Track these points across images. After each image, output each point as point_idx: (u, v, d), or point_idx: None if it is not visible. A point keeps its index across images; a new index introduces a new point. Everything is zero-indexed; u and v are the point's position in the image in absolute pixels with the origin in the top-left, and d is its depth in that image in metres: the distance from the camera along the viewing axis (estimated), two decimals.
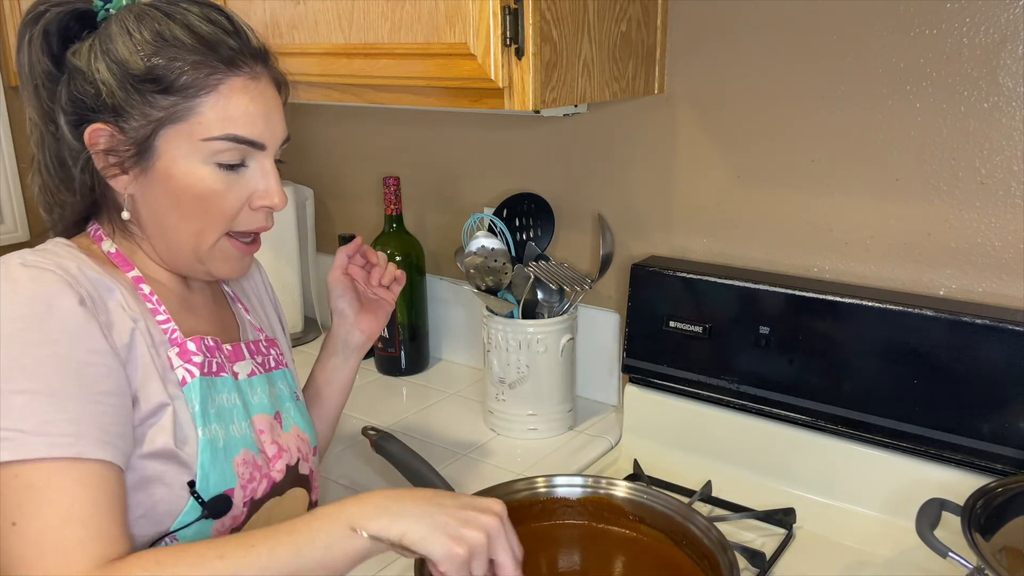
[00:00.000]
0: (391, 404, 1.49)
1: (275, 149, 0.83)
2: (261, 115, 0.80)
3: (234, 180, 0.80)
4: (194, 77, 0.77)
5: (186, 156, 0.78)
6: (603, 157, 1.38)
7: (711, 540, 0.91)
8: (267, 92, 0.82)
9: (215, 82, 0.77)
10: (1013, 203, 1.05)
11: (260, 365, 0.91)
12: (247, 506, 0.83)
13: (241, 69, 0.79)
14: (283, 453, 0.88)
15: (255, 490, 0.84)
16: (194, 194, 0.79)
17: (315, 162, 1.81)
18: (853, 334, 1.10)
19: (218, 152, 0.78)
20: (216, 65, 0.77)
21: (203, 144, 0.78)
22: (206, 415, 0.79)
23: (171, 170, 0.78)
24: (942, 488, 0.99)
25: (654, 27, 1.22)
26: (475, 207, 1.54)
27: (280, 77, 0.85)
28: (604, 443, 1.33)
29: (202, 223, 0.81)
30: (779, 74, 1.17)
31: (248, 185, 0.81)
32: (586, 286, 1.31)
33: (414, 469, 1.07)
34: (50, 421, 0.67)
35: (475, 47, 0.99)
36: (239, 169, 0.80)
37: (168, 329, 0.81)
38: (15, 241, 1.83)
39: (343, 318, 1.05)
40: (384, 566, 1.02)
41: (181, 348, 0.81)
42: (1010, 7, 0.99)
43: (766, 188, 1.23)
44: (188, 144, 0.78)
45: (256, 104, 0.80)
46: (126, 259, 0.83)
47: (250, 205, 0.82)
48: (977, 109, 1.04)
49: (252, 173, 0.81)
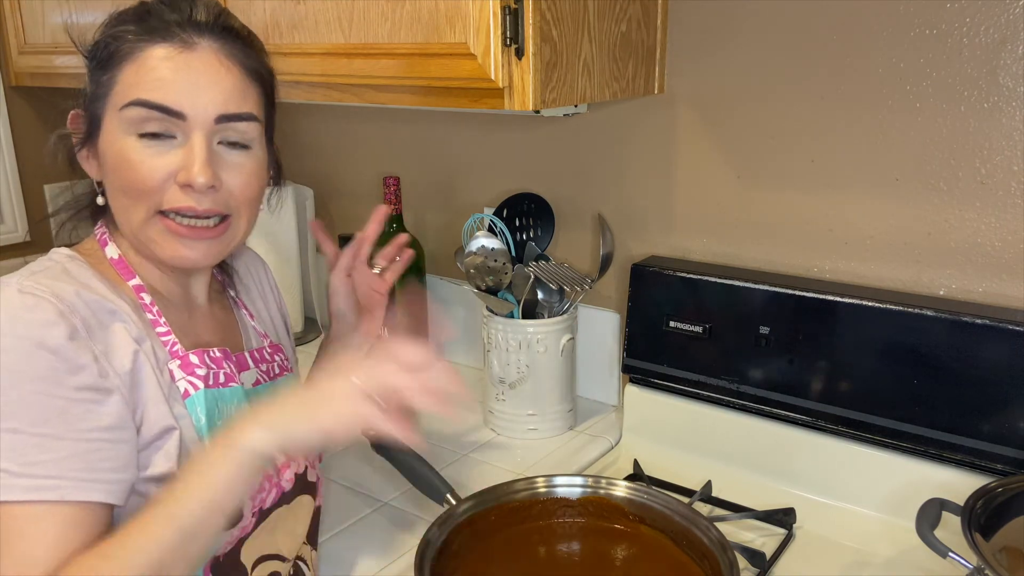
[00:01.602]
0: None
1: (204, 122, 0.77)
2: (183, 83, 0.76)
3: (156, 152, 0.76)
4: (116, 47, 0.77)
5: (114, 129, 0.77)
6: (603, 157, 1.38)
7: (711, 540, 0.91)
8: (202, 63, 0.77)
9: (136, 50, 0.76)
10: (1013, 203, 1.05)
11: (265, 373, 0.91)
12: (256, 516, 0.83)
13: (170, 40, 0.76)
14: (291, 462, 0.88)
15: (264, 500, 0.84)
16: (115, 166, 0.77)
17: (315, 162, 1.81)
18: (853, 334, 1.10)
19: (135, 121, 0.76)
20: (140, 35, 0.76)
21: (121, 113, 0.76)
22: (213, 427, 0.79)
23: (105, 143, 0.78)
24: (942, 488, 0.99)
25: (654, 27, 1.22)
26: (475, 207, 1.54)
27: (243, 55, 0.81)
28: (604, 443, 1.33)
29: (127, 198, 0.78)
30: (779, 74, 1.17)
31: (172, 160, 0.77)
32: (586, 286, 1.31)
33: (414, 469, 1.07)
34: (34, 463, 0.66)
35: (475, 47, 0.99)
36: (164, 141, 0.77)
37: (169, 342, 0.80)
38: (15, 241, 1.83)
39: (343, 320, 1.05)
40: (384, 566, 1.02)
41: (183, 361, 0.80)
42: (1010, 7, 0.99)
43: (766, 188, 1.23)
44: (115, 116, 0.77)
45: (178, 72, 0.76)
46: (127, 266, 0.82)
47: (175, 181, 0.77)
48: (977, 109, 1.04)
49: (178, 147, 0.77)
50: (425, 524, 0.97)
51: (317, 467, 0.94)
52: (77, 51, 0.81)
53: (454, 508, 0.97)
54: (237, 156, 0.80)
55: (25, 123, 1.81)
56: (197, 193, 0.77)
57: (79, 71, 0.82)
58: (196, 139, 0.77)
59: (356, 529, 1.10)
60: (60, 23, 1.56)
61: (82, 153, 0.82)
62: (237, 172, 0.80)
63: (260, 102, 0.83)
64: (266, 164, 0.86)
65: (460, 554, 0.95)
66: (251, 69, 0.81)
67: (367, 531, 1.10)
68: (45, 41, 1.62)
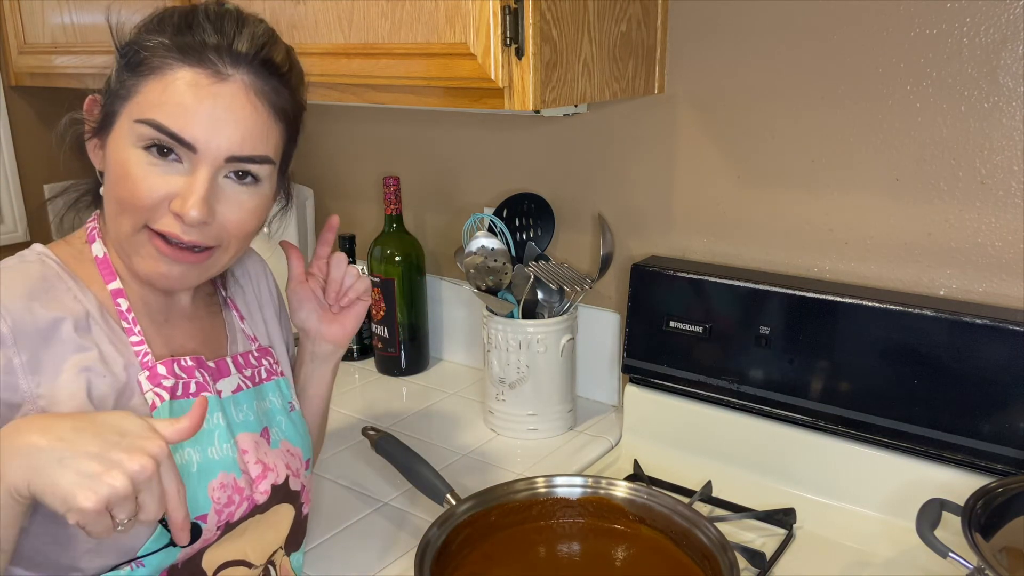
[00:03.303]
0: (391, 404, 1.49)
1: (215, 159, 0.75)
2: (204, 116, 0.74)
3: (158, 172, 0.75)
4: (147, 57, 0.74)
5: (125, 135, 0.76)
6: (603, 157, 1.38)
7: (711, 540, 0.91)
8: (229, 98, 0.75)
9: (164, 67, 0.74)
10: (1013, 203, 1.05)
11: (248, 379, 0.89)
12: (221, 529, 0.81)
13: (203, 65, 0.74)
14: (268, 472, 0.85)
15: (232, 514, 0.81)
16: (116, 175, 0.76)
17: (315, 162, 1.81)
18: (853, 334, 1.10)
19: (144, 137, 0.74)
20: (174, 51, 0.74)
21: (135, 125, 0.75)
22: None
23: (112, 146, 0.77)
24: (942, 488, 1.00)
25: (654, 27, 1.22)
26: (475, 207, 1.54)
27: (274, 94, 0.78)
28: (604, 443, 1.33)
29: (119, 206, 0.76)
30: (779, 74, 1.17)
31: (173, 183, 0.75)
32: (586, 286, 1.31)
33: (414, 469, 1.07)
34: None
35: (475, 47, 0.99)
36: (169, 162, 0.75)
37: (141, 352, 0.78)
38: (15, 241, 1.83)
39: (305, 331, 0.98)
40: (384, 566, 1.02)
41: (151, 372, 0.78)
42: (1010, 7, 0.99)
43: (766, 188, 1.23)
44: (127, 123, 0.75)
45: (202, 103, 0.74)
46: (111, 267, 0.81)
47: (169, 205, 0.75)
48: (977, 109, 1.04)
49: (182, 173, 0.75)
50: (425, 524, 0.97)
51: (302, 475, 0.91)
52: (112, 41, 0.78)
53: (454, 508, 0.97)
54: (241, 192, 0.78)
55: (25, 123, 1.81)
56: (186, 225, 0.75)
57: (79, 71, 0.82)
58: (201, 173, 0.75)
59: (356, 529, 1.10)
60: (60, 23, 1.56)
61: (92, 142, 0.81)
62: (236, 208, 0.78)
63: (280, 142, 0.81)
64: (271, 199, 0.83)
65: (460, 554, 0.95)
66: (279, 108, 0.79)
67: (367, 531, 1.10)
68: (45, 41, 1.61)
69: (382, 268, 1.56)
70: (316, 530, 1.08)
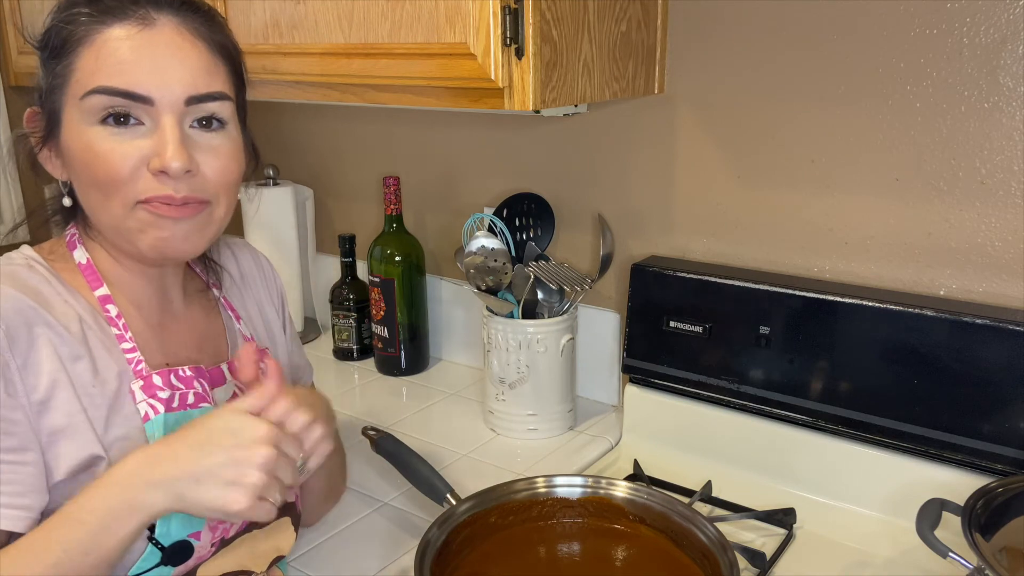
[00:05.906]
0: (391, 404, 1.49)
1: (173, 105, 0.72)
2: (145, 63, 0.70)
3: (123, 140, 0.71)
4: (70, 32, 0.72)
5: (76, 121, 0.72)
6: (603, 157, 1.38)
7: (711, 540, 0.91)
8: (164, 41, 0.72)
9: (91, 33, 0.71)
10: (1013, 203, 1.05)
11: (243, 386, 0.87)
12: (215, 547, 0.79)
13: (127, 17, 0.71)
14: None
15: (227, 530, 0.80)
16: (83, 160, 0.72)
17: (315, 162, 1.81)
18: (853, 334, 1.10)
19: (97, 109, 0.71)
20: (94, 16, 0.71)
21: (82, 103, 0.71)
22: None
23: (68, 137, 0.73)
24: (942, 488, 0.99)
25: (654, 27, 1.22)
26: (475, 207, 1.54)
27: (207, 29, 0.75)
28: (604, 443, 1.33)
29: (102, 192, 0.73)
30: (779, 74, 1.17)
31: (142, 146, 0.72)
32: (586, 286, 1.31)
33: (414, 469, 1.07)
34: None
35: (475, 47, 0.99)
36: (131, 127, 0.72)
37: (133, 360, 0.76)
38: (15, 241, 1.83)
39: None
40: (384, 566, 1.02)
41: (146, 382, 0.76)
42: (1010, 7, 0.99)
43: (766, 188, 1.23)
44: (75, 108, 0.72)
45: (138, 52, 0.71)
46: (96, 273, 0.78)
47: (148, 168, 0.72)
48: (977, 109, 1.04)
49: (147, 135, 0.72)
50: (425, 524, 0.97)
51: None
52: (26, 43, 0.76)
53: (454, 508, 0.97)
54: (212, 138, 0.76)
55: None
56: (173, 179, 0.72)
57: None
58: (166, 122, 0.72)
59: (356, 529, 1.10)
60: None
61: (43, 153, 0.77)
62: (213, 155, 0.75)
63: (230, 80, 0.78)
64: (242, 146, 0.81)
65: (460, 554, 0.95)
66: (218, 44, 0.76)
67: (367, 531, 1.10)
68: None
69: (382, 268, 1.56)
70: (316, 530, 1.08)
